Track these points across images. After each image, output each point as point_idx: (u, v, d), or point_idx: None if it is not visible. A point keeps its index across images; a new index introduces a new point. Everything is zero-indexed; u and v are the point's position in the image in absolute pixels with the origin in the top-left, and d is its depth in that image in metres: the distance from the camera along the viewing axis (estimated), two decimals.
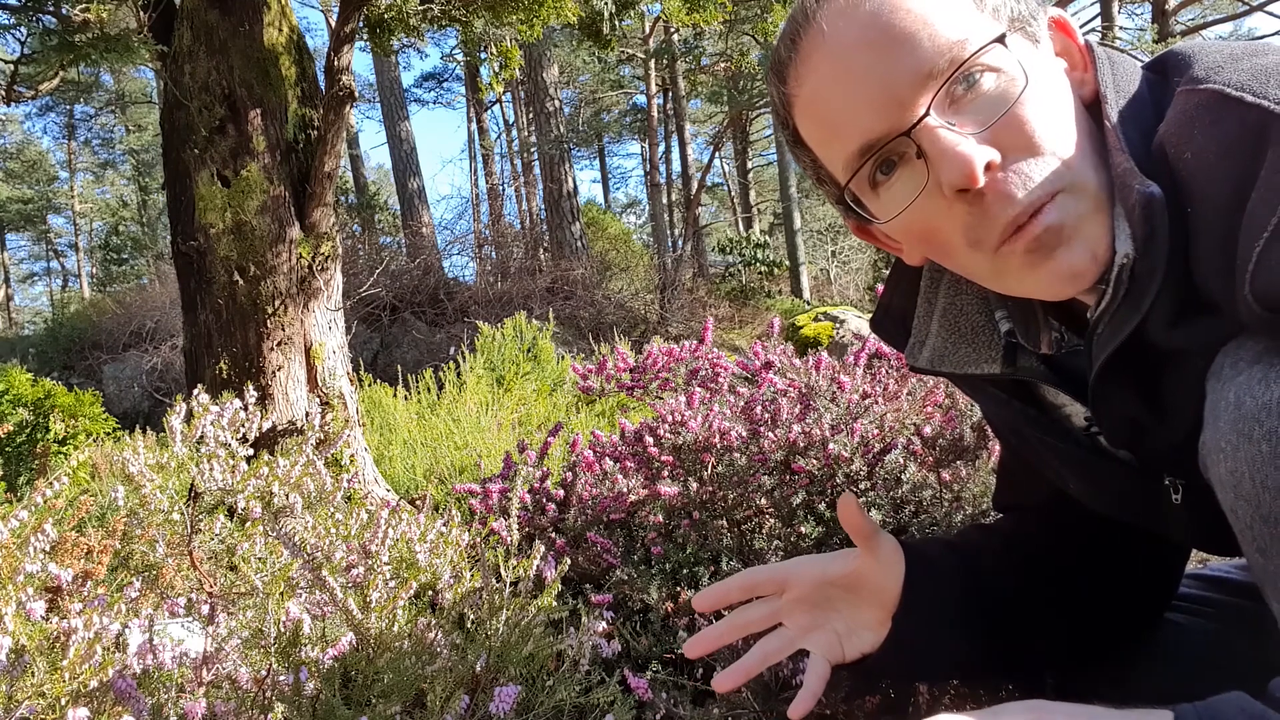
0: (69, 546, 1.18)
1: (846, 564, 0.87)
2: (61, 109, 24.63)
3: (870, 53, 0.64)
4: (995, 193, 0.62)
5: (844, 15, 0.65)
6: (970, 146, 0.61)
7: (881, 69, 0.63)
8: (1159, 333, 0.61)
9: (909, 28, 0.63)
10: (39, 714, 0.87)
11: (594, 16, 3.66)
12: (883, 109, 0.64)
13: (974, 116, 0.62)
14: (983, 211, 0.63)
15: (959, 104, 0.63)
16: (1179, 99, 0.62)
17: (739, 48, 13.86)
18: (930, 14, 0.63)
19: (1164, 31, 12.18)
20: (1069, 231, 0.62)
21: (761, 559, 1.43)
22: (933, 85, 0.62)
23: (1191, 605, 0.94)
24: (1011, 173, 0.62)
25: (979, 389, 0.86)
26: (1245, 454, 0.53)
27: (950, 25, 0.63)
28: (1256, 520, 0.53)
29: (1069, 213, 0.62)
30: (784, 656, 0.87)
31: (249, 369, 2.72)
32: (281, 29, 2.91)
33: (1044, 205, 0.62)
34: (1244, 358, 0.55)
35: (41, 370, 9.71)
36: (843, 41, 0.65)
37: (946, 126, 0.62)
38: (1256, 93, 0.56)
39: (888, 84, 0.63)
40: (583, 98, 22.40)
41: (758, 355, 1.93)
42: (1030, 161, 0.62)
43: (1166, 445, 0.68)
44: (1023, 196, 0.62)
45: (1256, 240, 0.51)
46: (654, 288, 11.72)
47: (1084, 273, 0.63)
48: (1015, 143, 0.62)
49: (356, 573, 1.25)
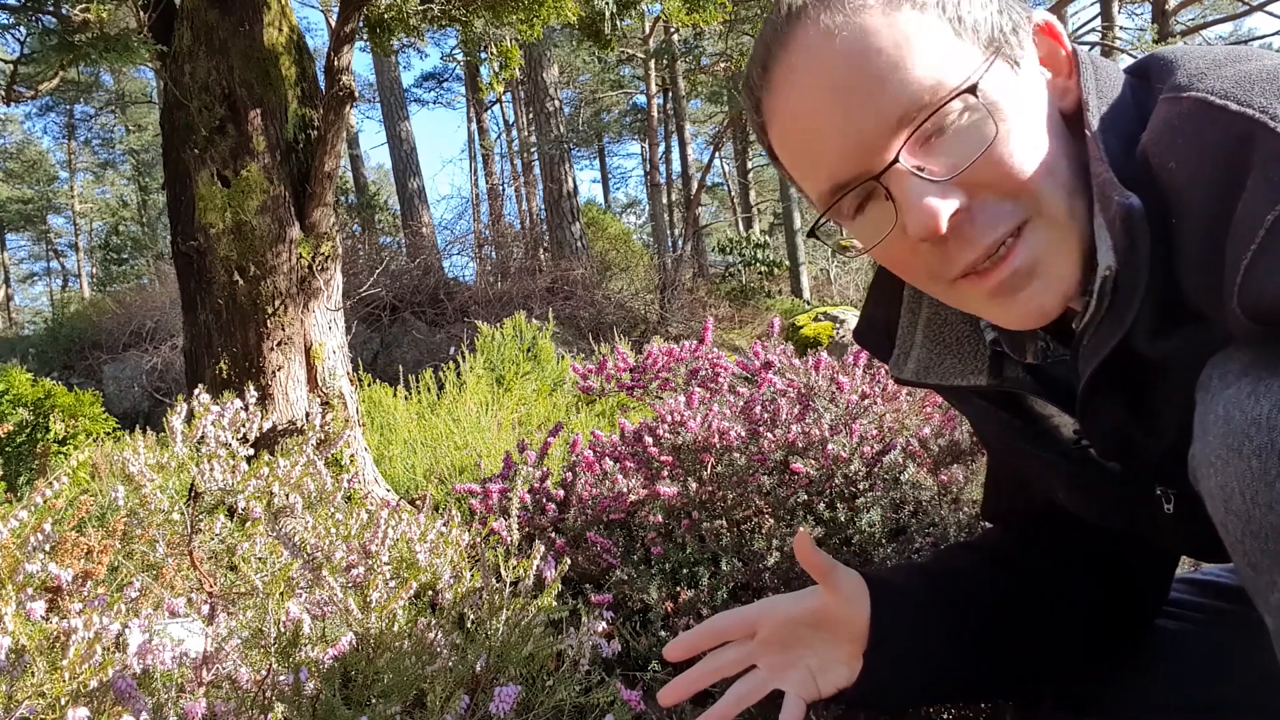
0: (69, 546, 1.18)
1: (812, 601, 0.87)
2: (61, 109, 24.63)
3: (841, 96, 0.63)
4: (958, 238, 0.63)
5: (814, 53, 0.63)
6: (935, 200, 0.61)
7: (852, 113, 0.62)
8: (1144, 343, 0.61)
9: (879, 72, 0.61)
10: (39, 714, 0.87)
11: (594, 16, 3.66)
12: (852, 153, 0.64)
13: (945, 159, 0.62)
14: (944, 254, 0.64)
15: (930, 146, 0.62)
16: (1161, 107, 0.61)
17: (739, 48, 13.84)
18: (902, 55, 0.61)
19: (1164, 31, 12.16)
20: (1038, 270, 0.63)
21: (761, 559, 1.43)
22: (903, 130, 0.62)
23: (1183, 610, 0.93)
24: (977, 214, 0.62)
25: (966, 400, 0.85)
26: (1235, 469, 0.52)
27: (923, 66, 0.61)
28: (1247, 535, 0.53)
29: (1036, 247, 0.63)
30: (759, 698, 0.87)
31: (249, 369, 2.73)
32: (281, 29, 2.91)
33: (1009, 246, 0.63)
34: (1232, 370, 0.55)
35: (41, 370, 9.71)
36: (813, 82, 0.64)
37: (915, 173, 0.62)
38: (1240, 100, 0.55)
39: (857, 129, 0.63)
40: (583, 98, 22.39)
41: (757, 355, 1.93)
42: (996, 202, 0.62)
43: (1156, 456, 0.67)
44: (984, 241, 0.63)
45: (1244, 252, 0.51)
46: (654, 288, 11.71)
47: (1050, 311, 0.64)
48: (984, 182, 0.62)
49: (356, 573, 1.25)
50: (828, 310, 7.85)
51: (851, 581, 0.87)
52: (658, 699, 0.88)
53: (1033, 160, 0.62)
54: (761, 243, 14.22)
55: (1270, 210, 0.50)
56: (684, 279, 12.30)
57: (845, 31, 0.62)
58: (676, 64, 15.27)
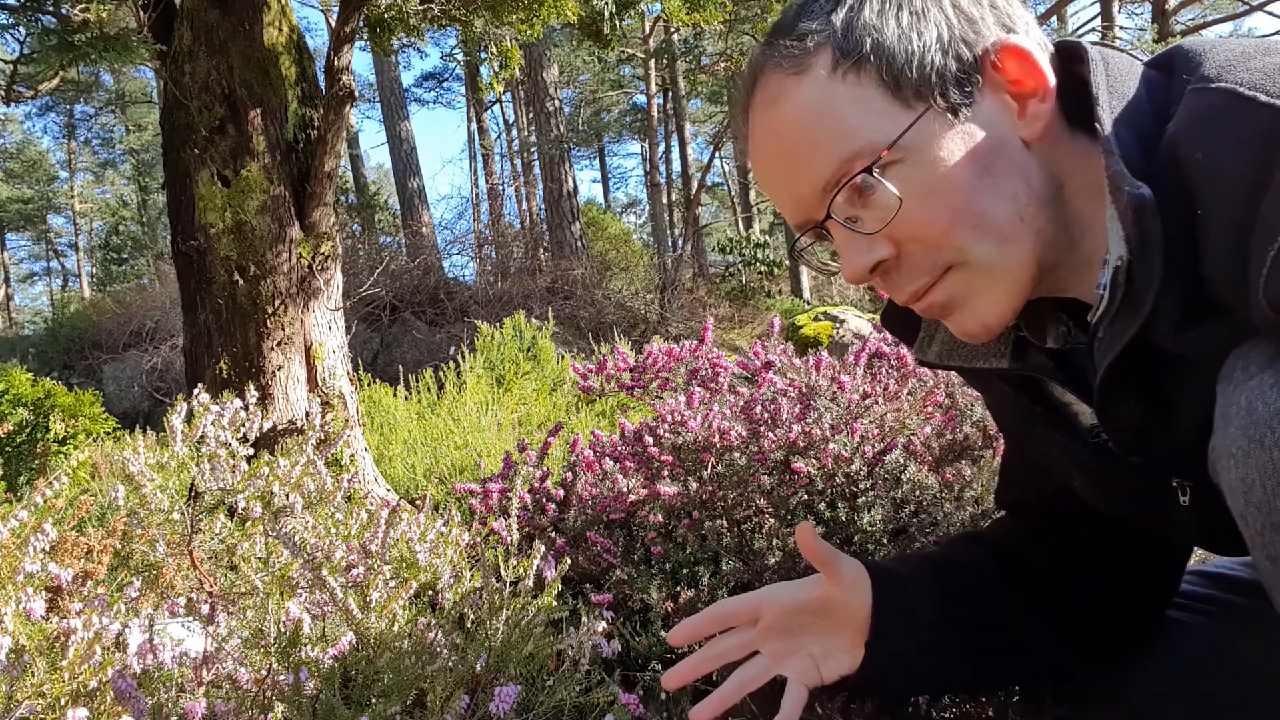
0: (69, 546, 1.18)
1: (815, 590, 0.88)
2: (61, 109, 24.62)
3: (783, 163, 0.72)
4: (887, 280, 0.72)
5: (760, 124, 0.73)
6: (858, 256, 0.70)
7: (791, 177, 0.72)
8: (1166, 336, 0.60)
9: (812, 140, 0.69)
10: (39, 714, 0.87)
11: (594, 16, 3.65)
12: (798, 208, 0.73)
13: (875, 214, 0.68)
14: (888, 284, 0.73)
15: (864, 199, 0.68)
16: (1189, 98, 0.60)
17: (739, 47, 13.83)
18: (832, 125, 0.67)
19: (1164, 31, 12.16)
20: (956, 303, 0.70)
21: (761, 559, 1.43)
22: (830, 191, 0.69)
23: (1193, 603, 0.93)
24: (903, 263, 0.70)
25: (987, 384, 0.87)
26: (1256, 460, 0.52)
27: (850, 133, 0.67)
28: (1267, 528, 0.53)
29: (957, 288, 0.69)
30: (761, 683, 0.88)
31: (249, 369, 2.72)
32: (281, 29, 2.91)
33: (929, 286, 0.70)
34: (1256, 361, 0.54)
35: (41, 370, 9.71)
36: (762, 147, 0.74)
37: (845, 226, 0.70)
38: (1270, 92, 0.54)
39: (794, 191, 0.72)
40: (583, 97, 22.39)
41: (758, 355, 1.93)
42: (922, 254, 0.69)
43: (1174, 449, 0.67)
44: (906, 288, 0.71)
45: (1270, 244, 0.50)
46: (654, 287, 11.71)
47: (976, 334, 0.72)
48: (908, 236, 0.69)
49: (356, 573, 1.25)
50: (828, 310, 7.85)
51: (854, 570, 0.87)
52: (662, 682, 0.89)
53: (954, 214, 0.66)
54: (761, 242, 14.21)
55: None
56: (684, 279, 12.30)
57: (784, 103, 0.70)
58: (676, 64, 15.27)
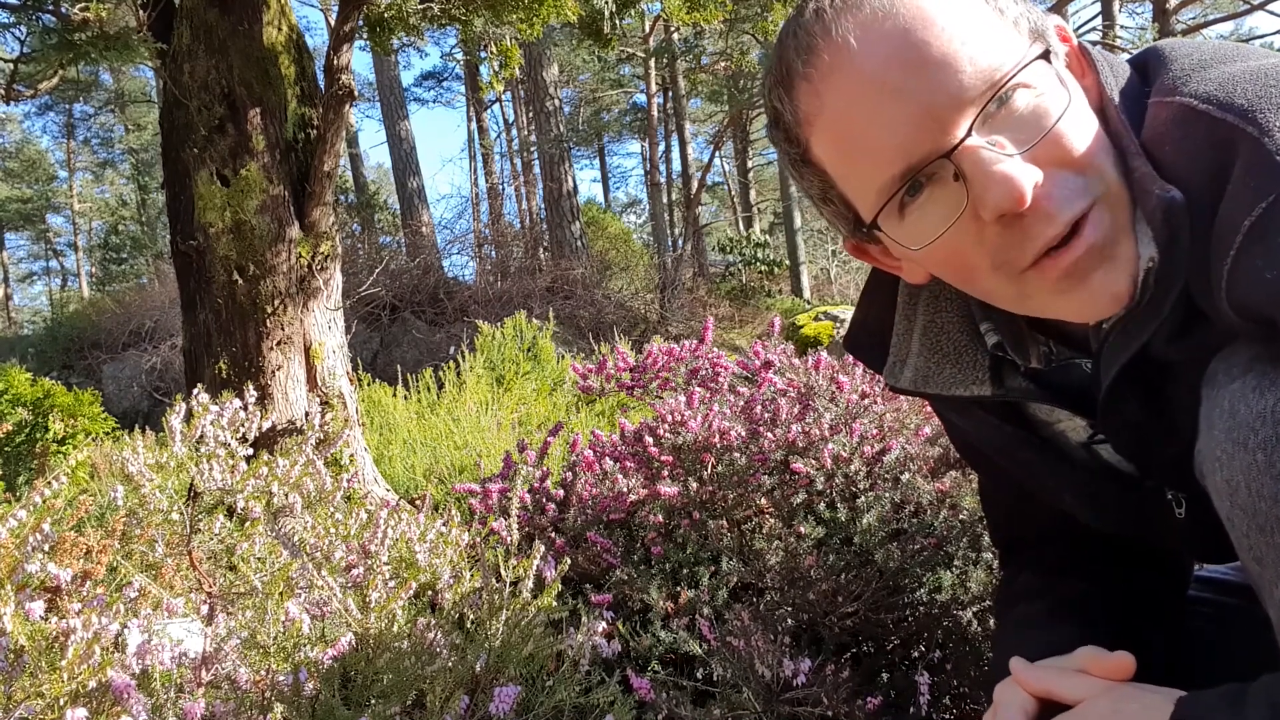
0: (68, 546, 1.18)
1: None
2: (61, 108, 24.59)
3: (906, 72, 0.60)
4: (1036, 212, 0.60)
5: (872, 30, 0.61)
6: (1017, 167, 0.59)
7: (920, 89, 0.60)
8: (1161, 346, 0.61)
9: (944, 46, 0.60)
10: (38, 714, 0.87)
11: (594, 15, 3.65)
12: (923, 130, 0.60)
13: (1012, 135, 0.60)
14: (1021, 232, 0.61)
15: (994, 122, 0.60)
16: (1152, 110, 0.62)
17: (739, 47, 13.83)
18: (963, 31, 0.60)
19: (1164, 31, 12.16)
20: (1108, 251, 0.60)
21: (761, 559, 1.43)
22: (972, 107, 0.60)
23: (1190, 605, 0.93)
24: (1054, 189, 0.60)
25: (965, 411, 0.82)
26: (1241, 462, 0.52)
27: (984, 43, 0.60)
28: (1253, 529, 0.53)
29: (1105, 228, 0.60)
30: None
31: (248, 368, 2.72)
32: (281, 28, 2.91)
33: (1083, 222, 0.60)
34: (1237, 364, 0.55)
35: (41, 370, 9.70)
36: (875, 59, 0.61)
37: (988, 147, 0.59)
38: (1222, 104, 0.55)
39: (927, 104, 0.60)
40: (583, 97, 22.38)
41: (758, 355, 1.93)
42: (1071, 176, 0.60)
43: (1173, 457, 0.67)
44: (1064, 215, 0.60)
45: (1226, 256, 0.52)
46: (654, 287, 11.71)
47: (1123, 294, 0.61)
48: (1056, 158, 0.60)
49: (356, 573, 1.25)
50: (828, 310, 7.86)
51: None
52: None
53: (1092, 140, 0.61)
54: (762, 242, 14.22)
55: (1247, 215, 0.51)
56: (684, 278, 12.30)
57: (904, 8, 0.61)
58: (676, 63, 15.26)
